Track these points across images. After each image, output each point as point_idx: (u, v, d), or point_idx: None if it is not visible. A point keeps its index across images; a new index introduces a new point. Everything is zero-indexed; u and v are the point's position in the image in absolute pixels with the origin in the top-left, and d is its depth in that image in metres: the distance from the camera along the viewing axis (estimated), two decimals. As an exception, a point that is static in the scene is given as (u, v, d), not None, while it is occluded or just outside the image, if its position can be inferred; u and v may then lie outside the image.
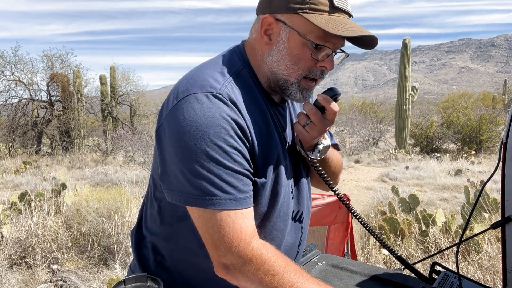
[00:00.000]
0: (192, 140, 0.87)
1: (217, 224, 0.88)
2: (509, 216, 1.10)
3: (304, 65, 0.97)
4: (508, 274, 1.12)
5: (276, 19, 0.96)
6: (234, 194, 0.89)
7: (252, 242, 0.89)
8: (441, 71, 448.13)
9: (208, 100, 0.90)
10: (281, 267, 0.88)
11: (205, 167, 0.87)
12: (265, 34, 0.99)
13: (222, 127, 0.88)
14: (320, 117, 1.02)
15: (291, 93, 1.01)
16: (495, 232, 3.21)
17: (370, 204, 6.03)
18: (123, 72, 21.09)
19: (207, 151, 0.87)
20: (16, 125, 16.07)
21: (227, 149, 0.88)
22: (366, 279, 1.22)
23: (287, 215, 1.07)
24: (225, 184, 0.88)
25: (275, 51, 0.98)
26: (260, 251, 0.88)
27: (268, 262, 0.88)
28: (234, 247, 0.87)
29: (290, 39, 0.95)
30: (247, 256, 0.87)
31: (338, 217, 2.15)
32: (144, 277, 0.99)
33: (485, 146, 13.78)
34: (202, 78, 0.96)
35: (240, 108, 0.93)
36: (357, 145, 15.40)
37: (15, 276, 3.38)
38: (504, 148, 1.10)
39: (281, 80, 1.00)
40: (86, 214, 4.08)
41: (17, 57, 16.63)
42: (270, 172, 0.99)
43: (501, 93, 40.58)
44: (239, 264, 0.88)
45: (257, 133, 0.96)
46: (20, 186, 8.31)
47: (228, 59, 1.03)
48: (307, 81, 1.00)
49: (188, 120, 0.88)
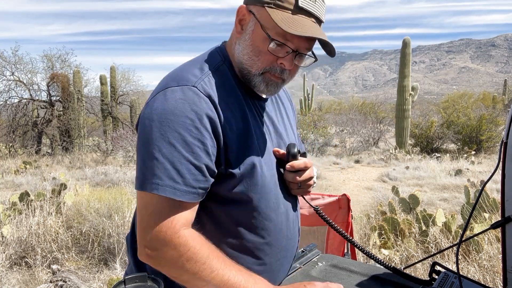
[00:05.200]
0: (158, 127, 0.90)
1: (152, 209, 0.91)
2: (509, 216, 1.10)
3: (264, 58, 0.98)
4: (508, 274, 1.12)
5: (249, 10, 0.99)
6: (180, 184, 0.90)
7: (181, 231, 0.90)
8: (441, 71, 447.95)
9: (182, 92, 0.93)
10: (204, 254, 0.90)
11: (162, 152, 0.89)
12: (239, 23, 1.02)
13: (188, 118, 0.90)
14: (300, 176, 1.08)
15: (255, 84, 1.03)
16: (495, 232, 3.21)
17: (370, 204, 6.03)
18: (123, 72, 21.10)
19: (168, 138, 0.89)
20: (16, 125, 16.06)
21: (189, 139, 0.90)
22: (366, 279, 1.22)
23: (277, 205, 1.08)
24: (175, 172, 0.89)
25: (242, 40, 1.01)
26: (186, 239, 0.90)
27: (191, 249, 0.89)
28: (162, 233, 0.89)
29: (255, 31, 0.98)
30: (172, 242, 0.89)
31: (338, 217, 2.15)
32: (144, 277, 0.99)
33: (485, 146, 13.78)
34: (181, 74, 0.99)
35: (214, 102, 0.95)
36: (357, 145, 15.41)
37: (15, 276, 3.38)
38: (504, 148, 1.10)
39: (245, 70, 1.02)
40: (87, 214, 4.08)
41: (17, 57, 16.63)
42: (249, 164, 0.99)
43: (501, 93, 40.55)
44: (163, 250, 0.90)
45: (233, 127, 0.97)
46: (20, 186, 8.30)
47: (208, 56, 1.06)
48: (272, 75, 1.01)
49: (159, 110, 0.92)
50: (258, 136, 1.04)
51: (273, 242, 1.08)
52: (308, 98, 26.62)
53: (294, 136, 1.24)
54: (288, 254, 1.15)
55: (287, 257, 1.16)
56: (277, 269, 1.12)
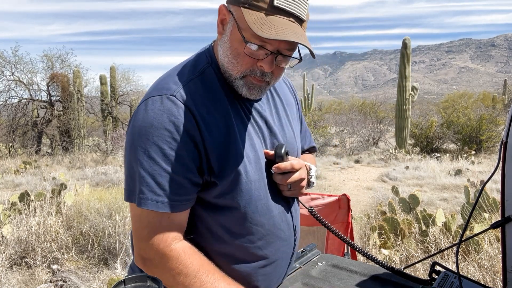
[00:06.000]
0: (138, 140, 0.91)
1: (143, 222, 0.93)
2: (509, 216, 1.10)
3: (243, 61, 0.93)
4: (508, 274, 1.12)
5: (228, 10, 0.94)
6: (161, 197, 0.91)
7: (173, 244, 0.93)
8: (441, 71, 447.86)
9: (160, 103, 0.92)
10: (195, 269, 0.93)
11: (143, 166, 0.90)
12: (221, 23, 0.97)
13: (167, 130, 0.90)
14: (289, 178, 1.05)
15: (237, 87, 0.98)
16: (495, 232, 3.21)
17: (370, 204, 6.03)
18: (123, 72, 21.13)
19: (148, 151, 0.90)
20: (16, 125, 16.06)
21: (168, 152, 0.90)
22: (366, 279, 1.22)
23: (268, 209, 1.05)
24: (156, 185, 0.90)
25: (222, 42, 0.97)
26: (178, 253, 0.93)
27: (182, 263, 0.92)
28: (154, 245, 0.92)
29: (232, 32, 0.93)
30: (165, 255, 0.92)
31: (338, 217, 2.15)
32: (144, 277, 0.99)
33: (485, 146, 13.78)
34: (164, 81, 0.98)
35: (193, 111, 0.93)
36: (357, 145, 15.40)
37: (15, 276, 3.38)
38: (504, 148, 1.10)
39: (227, 72, 0.98)
40: (87, 214, 4.08)
41: (17, 57, 16.65)
42: (232, 171, 0.97)
43: (501, 93, 40.54)
44: (155, 260, 0.93)
45: (214, 134, 0.95)
46: (20, 186, 8.30)
47: (194, 60, 1.04)
48: (253, 78, 0.96)
49: (140, 121, 0.93)
50: (244, 141, 1.00)
51: (264, 246, 1.06)
52: (308, 98, 26.63)
53: (293, 133, 1.18)
54: (284, 256, 1.13)
55: (283, 259, 1.13)
56: (272, 271, 1.10)
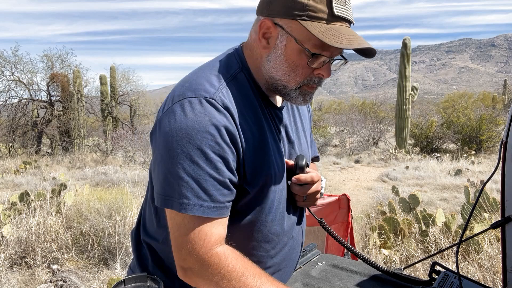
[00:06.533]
0: (179, 143, 0.88)
1: (184, 229, 0.90)
2: (509, 216, 1.10)
3: (301, 72, 0.95)
4: (508, 274, 1.12)
5: (274, 23, 0.94)
6: (207, 202, 0.89)
7: (213, 249, 0.90)
8: (441, 71, 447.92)
9: (201, 105, 0.90)
10: (239, 272, 0.89)
11: (186, 171, 0.87)
12: (263, 37, 0.96)
13: (209, 133, 0.88)
14: (307, 190, 1.07)
15: (292, 98, 1.00)
16: (495, 232, 3.21)
17: (370, 204, 6.02)
18: (123, 72, 21.10)
19: (191, 156, 0.87)
20: (16, 125, 16.05)
21: (211, 156, 0.88)
22: (366, 279, 1.22)
23: (283, 218, 1.07)
24: (201, 190, 0.88)
25: (273, 56, 0.96)
26: (219, 258, 0.89)
27: (225, 267, 0.89)
28: (194, 252, 0.89)
29: (287, 46, 0.93)
30: (206, 261, 0.89)
31: (338, 217, 2.15)
32: (144, 277, 0.99)
33: (485, 146, 13.77)
34: (197, 82, 0.95)
35: (233, 114, 0.92)
36: (357, 145, 15.39)
37: (15, 276, 3.38)
38: (504, 148, 1.10)
39: (280, 85, 0.98)
40: (87, 214, 4.08)
41: (17, 57, 16.63)
42: (263, 178, 0.98)
43: (501, 93, 40.54)
44: (196, 269, 0.90)
45: (249, 140, 0.95)
46: (20, 186, 8.30)
47: (225, 62, 1.01)
48: (308, 87, 0.99)
49: (178, 123, 0.89)
50: (274, 149, 1.01)
51: (275, 255, 1.08)
52: (308, 98, 26.56)
53: (307, 143, 1.21)
54: (290, 264, 1.16)
55: (289, 267, 1.16)
56: (277, 278, 1.12)
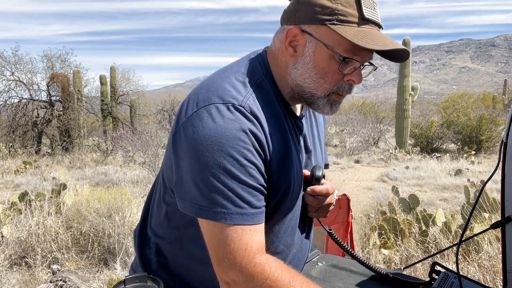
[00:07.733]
0: (210, 151, 0.85)
1: (223, 239, 0.86)
2: (509, 216, 1.10)
3: (331, 79, 0.93)
4: (508, 274, 1.12)
5: (302, 30, 0.92)
6: (246, 209, 0.87)
7: (256, 258, 0.86)
8: (441, 71, 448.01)
9: (229, 112, 0.88)
10: (285, 282, 0.86)
11: (220, 179, 0.85)
12: (290, 45, 0.95)
13: (241, 140, 0.86)
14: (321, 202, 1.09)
15: (318, 107, 0.98)
16: (495, 232, 3.20)
17: (370, 204, 6.02)
18: (123, 72, 21.11)
19: (224, 164, 0.85)
20: (16, 125, 16.06)
21: (244, 162, 0.86)
22: (366, 279, 1.22)
23: (294, 229, 1.07)
24: (238, 198, 0.86)
25: (300, 64, 0.94)
26: (263, 267, 0.86)
27: (270, 277, 0.85)
28: (236, 264, 0.85)
29: (316, 52, 0.91)
30: (249, 272, 0.85)
31: (338, 217, 2.15)
32: (144, 277, 0.99)
33: (485, 146, 13.77)
34: (223, 87, 0.93)
35: (261, 122, 0.91)
36: (357, 145, 15.39)
37: (15, 276, 3.38)
38: (504, 148, 1.10)
39: (307, 93, 0.96)
40: (87, 214, 4.08)
41: (17, 57, 16.65)
42: (283, 188, 0.97)
43: (501, 93, 40.54)
44: (240, 281, 0.86)
45: (275, 148, 0.93)
46: (20, 186, 8.30)
47: (250, 67, 0.99)
48: (337, 94, 0.97)
49: (207, 130, 0.86)
50: (296, 158, 1.00)
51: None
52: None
53: (321, 152, 1.20)
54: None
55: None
56: None
